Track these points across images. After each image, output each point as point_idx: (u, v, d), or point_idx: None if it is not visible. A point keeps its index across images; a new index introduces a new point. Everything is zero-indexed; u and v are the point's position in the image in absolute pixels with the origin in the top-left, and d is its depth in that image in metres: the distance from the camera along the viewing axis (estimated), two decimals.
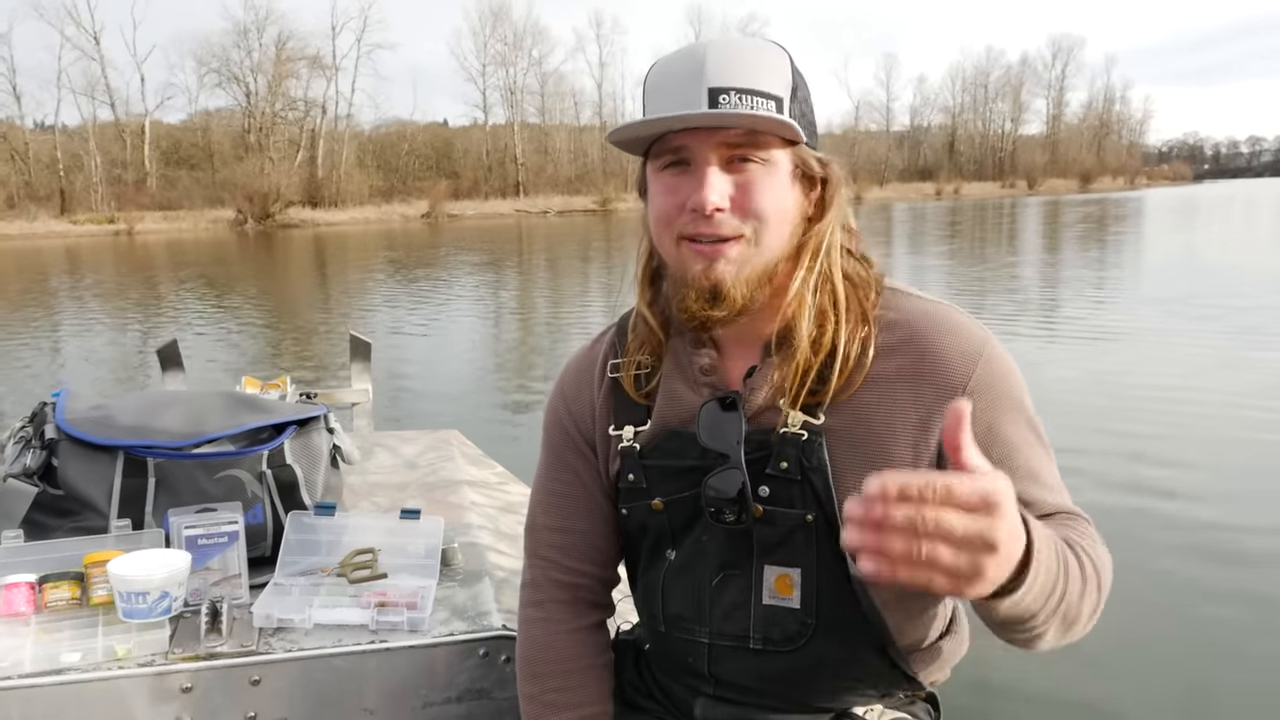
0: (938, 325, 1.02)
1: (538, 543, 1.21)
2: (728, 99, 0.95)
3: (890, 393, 1.01)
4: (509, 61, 76.12)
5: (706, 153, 0.97)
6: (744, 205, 0.98)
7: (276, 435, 1.63)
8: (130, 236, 43.96)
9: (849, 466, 1.00)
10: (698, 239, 0.99)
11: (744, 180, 0.98)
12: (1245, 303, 10.81)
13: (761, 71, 0.98)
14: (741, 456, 1.01)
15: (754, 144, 0.97)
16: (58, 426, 1.53)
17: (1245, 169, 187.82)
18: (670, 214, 1.01)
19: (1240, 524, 4.16)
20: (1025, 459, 0.99)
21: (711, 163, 0.97)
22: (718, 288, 0.99)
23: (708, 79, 0.96)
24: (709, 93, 0.96)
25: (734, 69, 0.97)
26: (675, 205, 1.00)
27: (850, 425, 1.01)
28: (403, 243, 33.07)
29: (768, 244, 1.00)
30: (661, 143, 1.00)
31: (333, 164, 63.52)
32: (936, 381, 0.99)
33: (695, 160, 0.98)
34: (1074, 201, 57.07)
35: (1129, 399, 6.53)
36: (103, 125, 61.24)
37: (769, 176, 0.99)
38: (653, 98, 1.01)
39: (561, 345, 9.99)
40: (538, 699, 1.16)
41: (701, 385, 1.08)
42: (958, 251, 21.39)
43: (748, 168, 0.98)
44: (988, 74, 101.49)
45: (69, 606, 1.39)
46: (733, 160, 0.98)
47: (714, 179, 0.97)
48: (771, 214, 0.99)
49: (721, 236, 0.98)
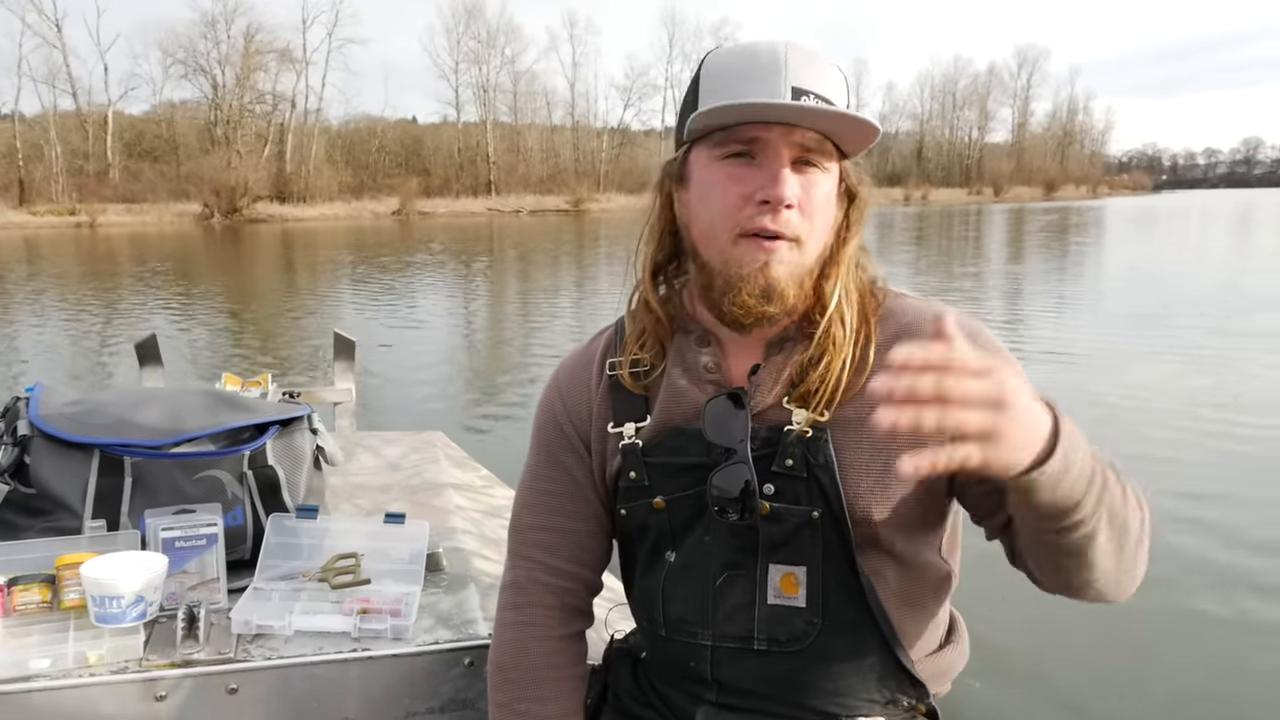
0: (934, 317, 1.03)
1: (522, 543, 1.19)
2: (809, 100, 0.97)
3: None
4: (482, 59, 75.96)
5: (781, 149, 0.98)
6: (806, 208, 1.00)
7: (258, 435, 1.59)
8: (93, 229, 43.27)
9: (855, 462, 1.01)
10: (758, 234, 1.00)
11: (809, 183, 1.00)
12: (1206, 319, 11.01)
13: (833, 80, 1.00)
14: (748, 452, 1.01)
15: (822, 150, 0.99)
16: (31, 423, 1.48)
17: (1201, 180, 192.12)
18: (733, 205, 1.00)
19: (1229, 530, 4.22)
20: None
21: (785, 160, 0.98)
22: (771, 286, 1.01)
23: (792, 77, 0.97)
24: (792, 90, 0.96)
25: (813, 73, 0.98)
26: (741, 196, 0.99)
27: (855, 421, 1.02)
28: (374, 240, 32.86)
29: (812, 249, 1.02)
30: (729, 131, 0.99)
31: (301, 159, 62.92)
32: None
33: (768, 154, 0.98)
34: (1039, 209, 57.94)
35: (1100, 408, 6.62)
36: (64, 115, 60.19)
37: (828, 185, 1.02)
38: (725, 84, 1.00)
39: (543, 346, 9.96)
40: (509, 707, 1.13)
41: (706, 382, 1.08)
42: (924, 258, 21.61)
43: (811, 172, 1.00)
44: (955, 82, 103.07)
45: (39, 610, 1.34)
46: (799, 162, 0.99)
47: (789, 174, 0.98)
48: (824, 222, 1.02)
49: (782, 235, 0.99)
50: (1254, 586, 3.64)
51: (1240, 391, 6.98)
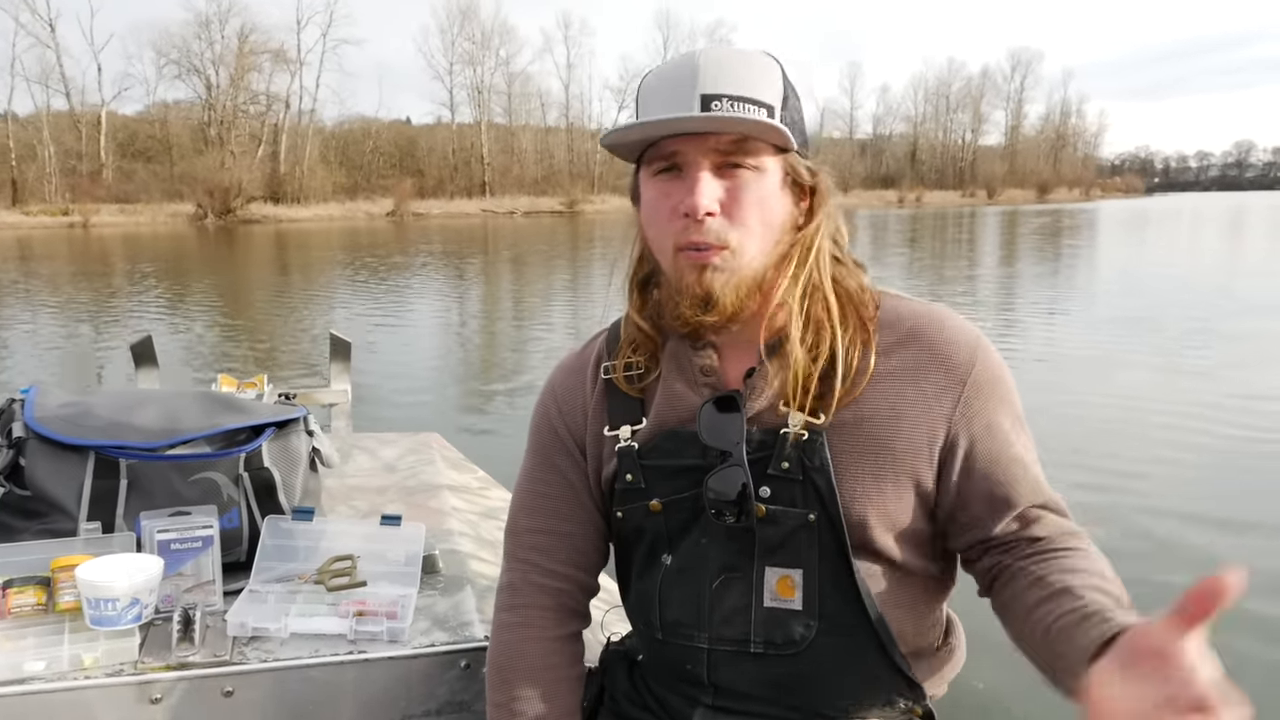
0: (936, 322, 1.05)
1: (519, 545, 1.19)
2: (720, 105, 0.97)
3: (893, 390, 1.02)
4: (476, 60, 75.91)
5: (698, 158, 0.98)
6: (733, 211, 0.99)
7: (255, 437, 1.58)
8: (86, 229, 43.13)
9: (851, 464, 1.02)
10: (691, 248, 1.00)
11: (734, 186, 0.99)
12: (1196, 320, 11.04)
13: (753, 80, 0.99)
14: (744, 455, 1.01)
15: (745, 151, 0.98)
16: (26, 424, 1.47)
17: (1193, 183, 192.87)
18: (664, 218, 1.02)
19: (1223, 534, 4.23)
20: (1018, 452, 1.03)
21: (703, 168, 0.98)
22: (709, 295, 1.01)
23: (700, 85, 0.97)
24: (701, 99, 0.97)
25: (726, 76, 0.98)
26: (668, 210, 1.01)
27: (852, 423, 1.02)
28: (370, 240, 32.79)
29: (755, 250, 1.01)
30: (655, 149, 1.01)
31: (295, 159, 62.78)
32: (938, 376, 1.02)
33: (687, 165, 0.99)
34: (1032, 211, 58.01)
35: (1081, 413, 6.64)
36: (57, 114, 60.00)
37: (759, 183, 1.00)
38: (646, 103, 1.02)
39: (539, 347, 9.95)
40: (506, 707, 1.13)
41: (702, 385, 1.08)
42: (917, 261, 21.63)
43: (739, 174, 0.99)
44: (949, 85, 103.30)
45: (34, 613, 1.34)
46: (724, 166, 0.99)
47: (705, 183, 0.98)
48: (759, 221, 1.01)
49: (709, 243, 0.99)
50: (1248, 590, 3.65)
51: (1230, 394, 7.01)
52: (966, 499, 1.03)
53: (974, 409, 1.01)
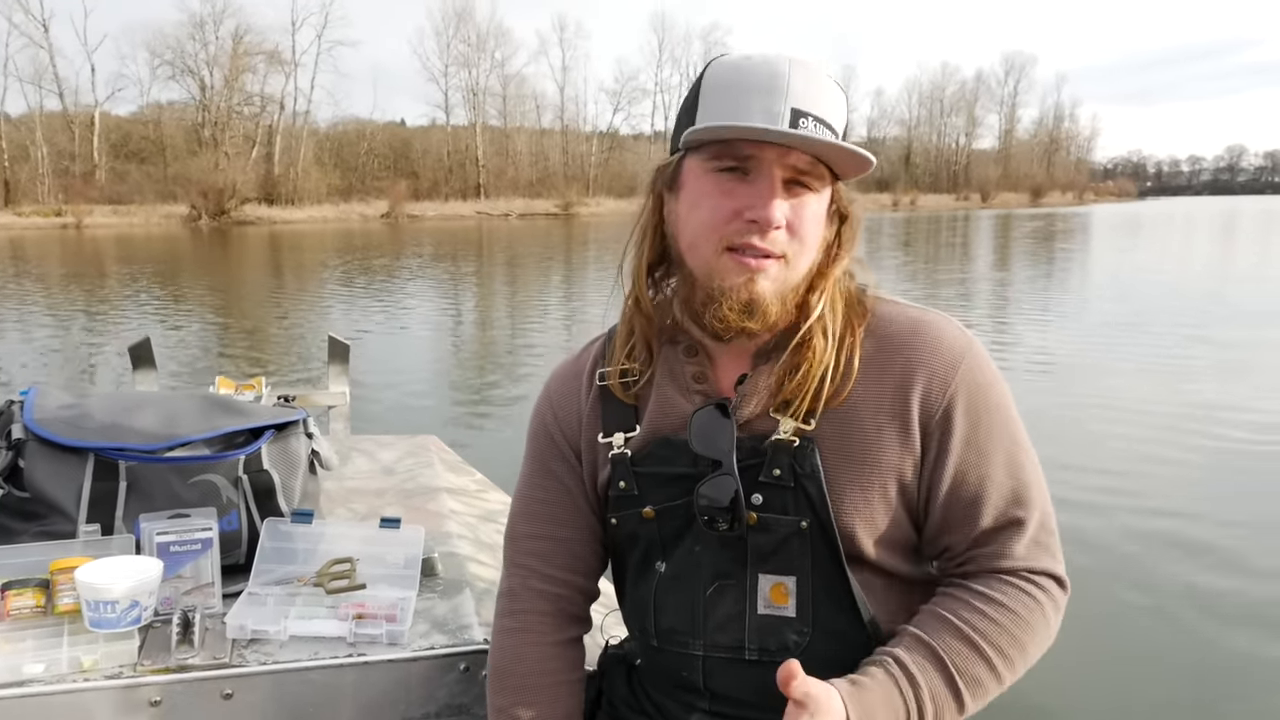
0: (922, 331, 1.05)
1: (518, 551, 1.20)
2: (807, 123, 0.97)
3: (878, 398, 1.03)
4: (471, 63, 75.83)
5: (774, 169, 0.99)
6: (795, 228, 1.01)
7: (254, 439, 1.58)
8: (79, 230, 42.99)
9: (841, 471, 1.02)
10: (745, 250, 1.00)
11: (799, 204, 1.00)
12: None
13: (833, 103, 1.01)
14: (734, 463, 1.01)
15: (815, 173, 1.00)
16: (25, 426, 1.47)
17: (1185, 187, 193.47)
18: (721, 219, 1.01)
19: (1215, 542, 4.23)
20: (994, 465, 1.03)
21: (778, 179, 0.99)
22: (754, 302, 1.01)
23: (792, 98, 0.97)
24: (792, 112, 0.97)
25: (814, 95, 0.99)
26: (730, 211, 1.00)
27: (841, 431, 1.03)
28: (365, 242, 32.74)
29: (800, 268, 1.03)
30: (726, 145, 1.00)
31: (290, 161, 62.66)
32: (919, 384, 1.02)
33: (761, 173, 0.99)
34: (1026, 215, 58.19)
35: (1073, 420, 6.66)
36: (50, 115, 59.82)
37: (817, 206, 1.02)
38: (719, 97, 1.01)
39: (537, 348, 9.95)
40: (507, 711, 1.14)
41: (693, 392, 1.09)
42: (909, 265, 21.66)
43: (803, 194, 1.01)
44: (943, 88, 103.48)
45: (33, 615, 1.34)
46: (789, 183, 1.00)
47: (780, 195, 0.99)
48: (813, 241, 1.03)
49: (769, 253, 1.00)
50: (1244, 591, 3.65)
51: (1217, 400, 7.03)
52: (933, 508, 1.04)
53: (953, 419, 1.02)
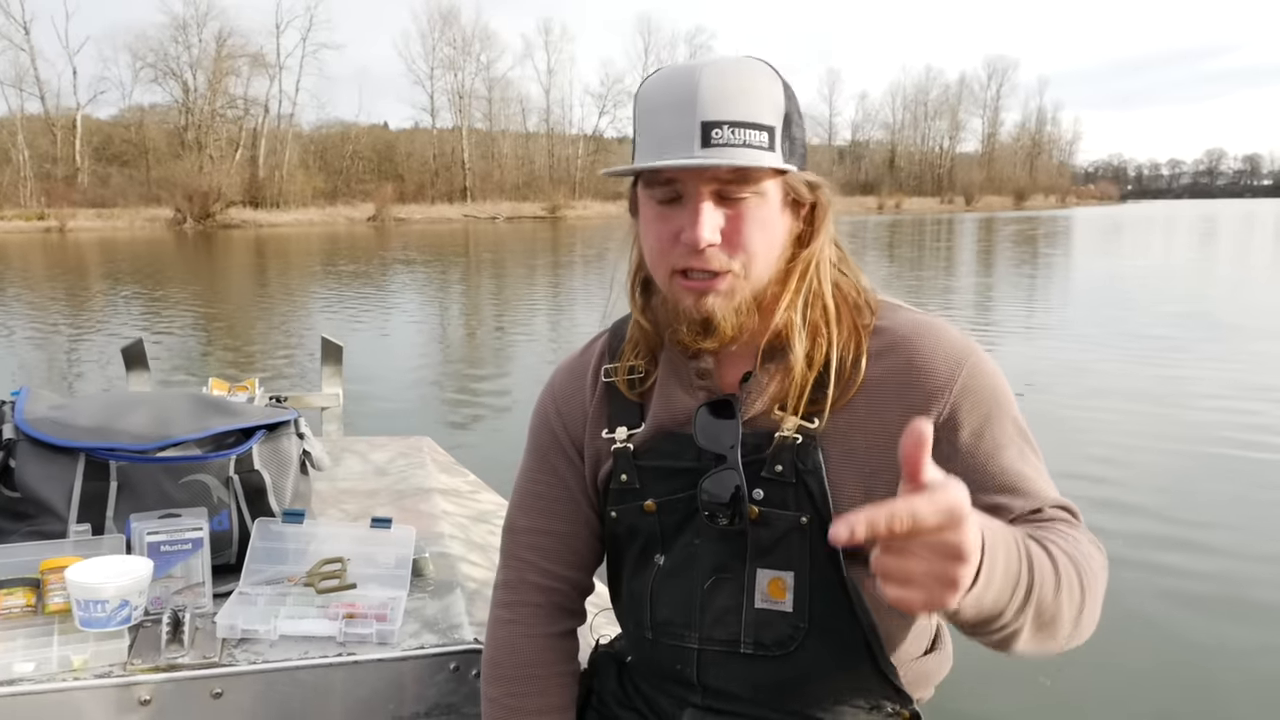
0: (924, 333, 1.04)
1: (516, 544, 1.21)
2: (720, 133, 0.95)
3: (881, 397, 1.03)
4: (457, 66, 75.75)
5: (699, 188, 0.98)
6: (735, 240, 0.99)
7: (245, 440, 1.58)
8: (63, 234, 42.66)
9: (843, 470, 1.03)
10: (689, 273, 1.01)
11: (736, 214, 0.99)
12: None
13: (755, 101, 0.97)
14: (738, 458, 1.02)
15: (745, 180, 0.98)
16: (16, 426, 1.47)
17: (1166, 190, 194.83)
18: (663, 245, 1.02)
19: (1209, 541, 4.28)
20: (1009, 460, 1.01)
21: (704, 198, 0.98)
22: (709, 321, 1.01)
23: (701, 111, 0.95)
24: (701, 126, 0.95)
25: (727, 99, 0.96)
26: (668, 236, 1.01)
27: (844, 430, 1.03)
28: (352, 246, 32.60)
29: (757, 275, 1.02)
30: (654, 173, 1.00)
31: (274, 164, 62.37)
32: (923, 386, 1.02)
33: (687, 195, 0.99)
34: (1011, 218, 58.44)
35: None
36: (31, 118, 59.37)
37: (760, 209, 1.00)
38: (645, 124, 1.01)
39: (532, 351, 9.93)
40: (500, 702, 1.15)
41: (698, 389, 1.09)
42: (896, 269, 21.74)
43: (740, 201, 0.99)
44: (927, 92, 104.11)
45: (23, 614, 1.34)
46: (725, 194, 0.99)
47: (706, 215, 0.97)
48: (761, 247, 1.01)
49: (712, 271, 1.00)
50: (1239, 594, 3.70)
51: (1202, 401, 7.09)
52: None
53: (959, 419, 1.01)
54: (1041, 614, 0.85)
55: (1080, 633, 0.91)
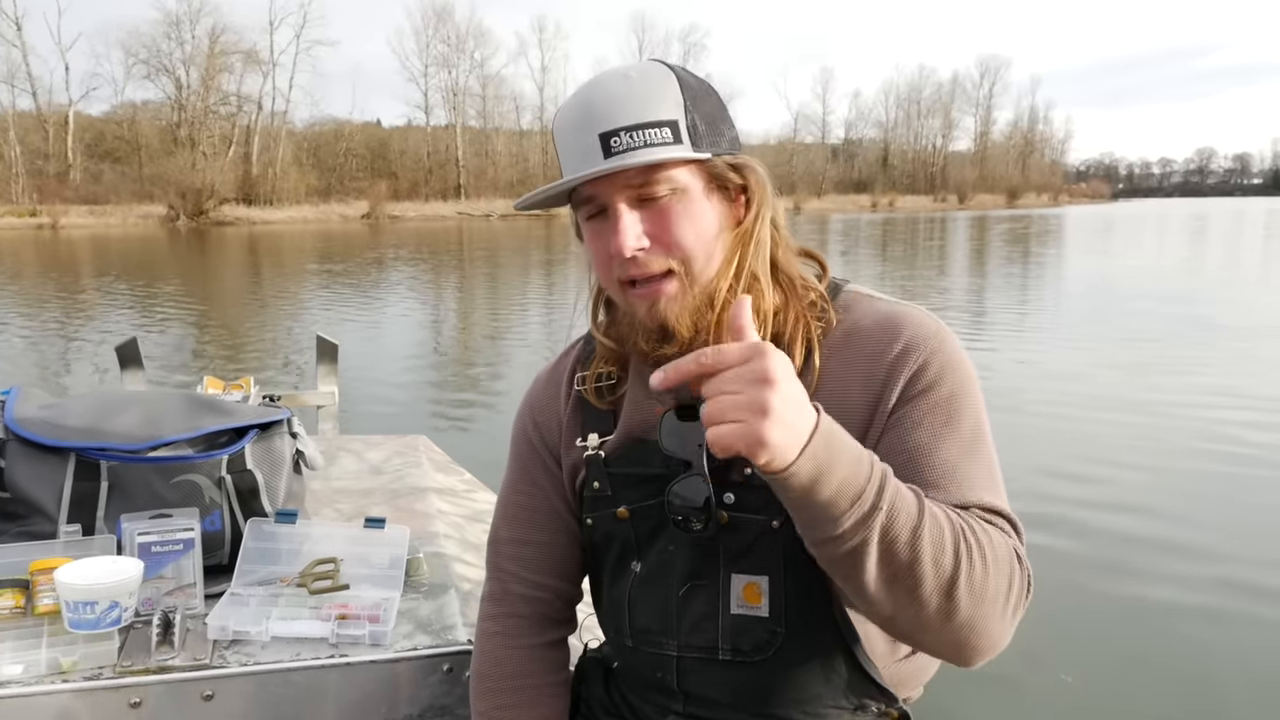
0: (888, 321, 1.02)
1: (500, 555, 1.20)
2: (619, 140, 0.96)
3: (843, 389, 1.01)
4: (451, 63, 75.66)
5: (614, 198, 0.98)
6: (664, 238, 0.99)
7: (237, 439, 1.57)
8: (55, 231, 42.54)
9: None
10: (635, 283, 1.01)
11: (658, 213, 0.98)
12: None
13: (648, 101, 0.98)
14: (704, 463, 0.99)
15: (657, 179, 0.97)
16: (6, 426, 1.46)
17: (1157, 189, 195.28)
18: (602, 260, 1.02)
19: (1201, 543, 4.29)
20: (947, 452, 0.96)
21: (620, 205, 0.98)
22: (664, 326, 1.01)
23: (596, 124, 0.97)
24: (600, 139, 0.96)
25: (619, 106, 0.97)
26: (605, 252, 1.01)
27: None
28: (346, 243, 32.54)
29: (700, 269, 1.00)
30: (576, 194, 1.01)
31: (268, 161, 62.23)
32: (882, 374, 1.00)
33: (607, 206, 0.99)
34: (1003, 217, 58.57)
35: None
36: (23, 114, 59.20)
37: (683, 203, 0.99)
38: (559, 149, 1.03)
39: (529, 350, 9.92)
40: (488, 715, 1.14)
41: (664, 394, 1.07)
42: (888, 265, 21.77)
43: (658, 200, 0.99)
44: (920, 91, 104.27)
45: (12, 616, 1.32)
46: (643, 197, 0.99)
47: (626, 223, 0.97)
48: (693, 240, 1.00)
49: (651, 274, 1.00)
50: (1233, 595, 3.70)
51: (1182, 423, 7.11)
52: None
53: (918, 399, 0.98)
54: (892, 550, 0.83)
55: (954, 616, 0.87)
